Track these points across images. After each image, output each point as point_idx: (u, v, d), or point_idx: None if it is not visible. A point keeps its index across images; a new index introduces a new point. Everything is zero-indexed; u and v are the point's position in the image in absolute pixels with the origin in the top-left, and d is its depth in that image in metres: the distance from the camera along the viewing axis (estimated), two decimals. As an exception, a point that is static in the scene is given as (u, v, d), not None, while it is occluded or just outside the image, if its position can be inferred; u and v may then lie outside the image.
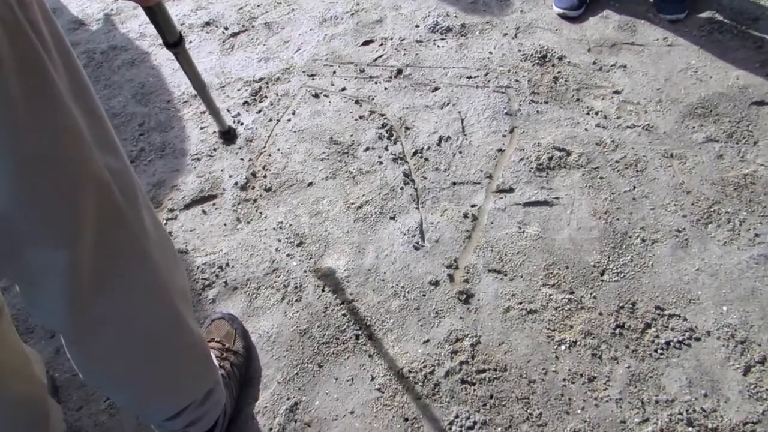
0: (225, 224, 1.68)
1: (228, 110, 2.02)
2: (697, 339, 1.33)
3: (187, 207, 1.74)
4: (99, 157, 0.74)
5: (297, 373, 1.36)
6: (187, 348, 1.03)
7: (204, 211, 1.73)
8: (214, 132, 1.95)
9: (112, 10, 2.59)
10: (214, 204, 1.74)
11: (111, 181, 0.76)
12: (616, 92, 1.90)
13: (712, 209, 1.56)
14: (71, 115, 0.69)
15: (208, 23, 2.44)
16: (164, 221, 1.70)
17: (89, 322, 0.83)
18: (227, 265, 1.58)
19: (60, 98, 0.67)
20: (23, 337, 1.44)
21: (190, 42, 2.36)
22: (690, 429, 1.20)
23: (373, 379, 1.33)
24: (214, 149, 1.90)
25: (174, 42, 1.02)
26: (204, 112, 2.03)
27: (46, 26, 0.66)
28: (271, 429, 1.27)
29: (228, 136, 1.50)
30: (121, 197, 0.78)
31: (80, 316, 0.81)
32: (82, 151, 0.71)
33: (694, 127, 1.77)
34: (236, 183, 1.78)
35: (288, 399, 1.32)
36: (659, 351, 1.32)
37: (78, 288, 0.76)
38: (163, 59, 2.29)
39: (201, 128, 1.98)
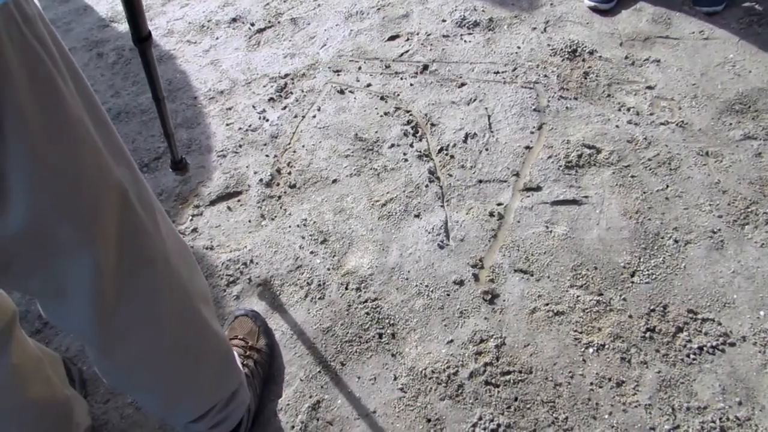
0: (249, 221, 1.69)
1: (254, 106, 2.03)
2: (732, 344, 1.28)
3: (212, 203, 1.75)
4: (115, 168, 0.75)
5: (320, 371, 1.35)
6: (211, 351, 1.03)
7: (229, 208, 1.73)
8: (240, 128, 1.96)
9: (141, 7, 2.62)
10: (239, 200, 1.75)
11: (129, 190, 0.76)
12: (649, 88, 1.85)
13: (749, 209, 1.50)
14: (85, 128, 0.69)
15: (234, 19, 2.45)
16: (190, 217, 1.72)
17: (115, 331, 0.84)
18: (251, 261, 1.58)
19: (72, 112, 0.67)
20: (37, 338, 1.47)
21: (217, 38, 2.37)
22: (723, 438, 1.16)
23: (395, 378, 1.32)
24: (240, 146, 1.90)
25: (145, 37, 0.98)
26: (230, 109, 2.03)
27: (49, 36, 0.66)
28: (293, 427, 1.27)
29: (178, 166, 1.38)
30: (139, 207, 0.79)
31: (106, 325, 0.81)
32: (100, 163, 0.72)
33: (731, 124, 1.70)
34: (261, 179, 1.78)
35: (311, 397, 1.32)
36: (691, 356, 1.28)
37: (104, 297, 0.77)
38: (191, 56, 2.31)
39: (227, 125, 1.98)
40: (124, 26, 2.52)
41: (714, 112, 1.74)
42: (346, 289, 1.49)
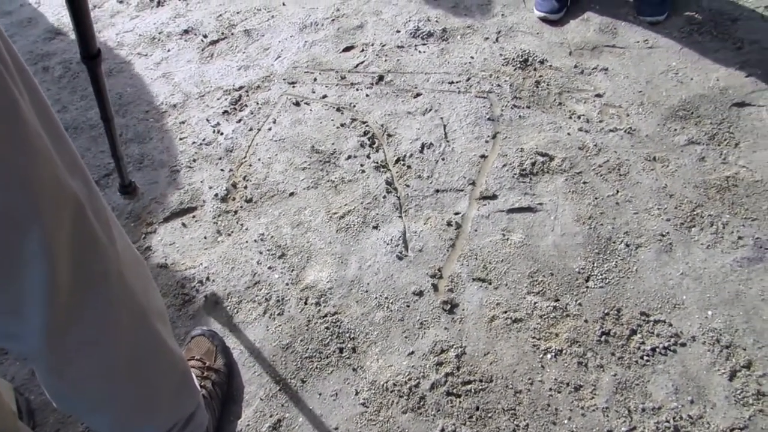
0: (205, 237, 1.65)
1: (208, 120, 1.99)
2: (683, 345, 1.33)
3: (166, 220, 1.71)
4: (70, 180, 0.72)
5: (280, 389, 1.33)
6: (167, 371, 1.00)
7: (184, 224, 1.70)
8: (194, 143, 1.92)
9: (88, 19, 2.55)
10: (194, 216, 1.71)
11: (84, 203, 0.74)
12: (598, 95, 1.90)
13: (695, 212, 1.56)
14: (41, 138, 0.67)
15: (186, 31, 2.41)
16: (143, 235, 1.67)
17: (67, 348, 0.80)
18: (208, 279, 1.55)
19: (28, 121, 0.65)
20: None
21: (169, 51, 2.32)
22: (677, 437, 1.19)
23: (357, 393, 1.31)
24: (194, 160, 1.86)
25: (94, 54, 0.93)
26: (183, 123, 1.99)
27: (4, 46, 0.64)
28: (253, 448, 1.25)
29: (127, 190, 1.36)
30: (94, 220, 0.76)
31: (58, 342, 0.78)
32: (56, 174, 0.70)
33: (675, 130, 1.77)
34: (216, 194, 1.75)
35: (271, 416, 1.29)
36: (645, 358, 1.31)
37: (57, 313, 0.74)
38: (142, 69, 2.25)
39: (180, 139, 1.94)
40: (71, 38, 2.45)
41: (659, 118, 1.80)
42: (306, 303, 1.47)
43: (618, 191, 1.63)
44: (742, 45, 1.98)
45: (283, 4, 2.48)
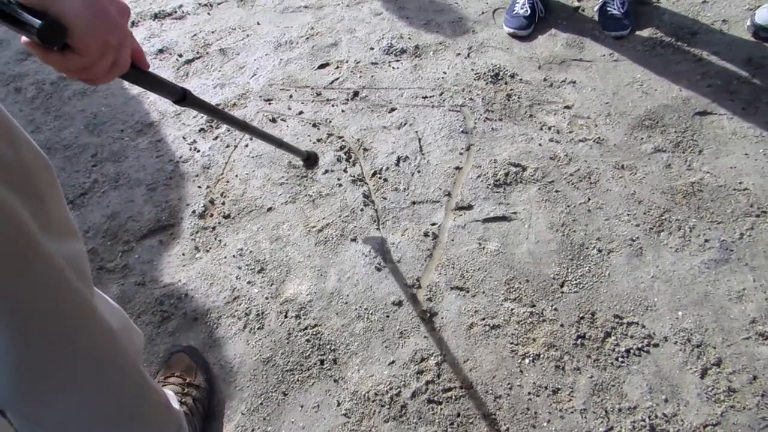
0: (183, 254, 1.65)
1: (184, 138, 2.00)
2: (656, 345, 1.36)
3: (143, 238, 1.70)
4: (48, 244, 0.71)
5: (261, 403, 1.33)
6: (149, 403, 1.00)
7: (161, 242, 1.69)
8: (170, 160, 1.92)
9: (61, 40, 2.54)
10: (171, 234, 1.71)
11: (65, 267, 0.73)
12: (567, 107, 1.96)
13: (663, 217, 1.61)
14: (10, 203, 0.65)
15: (161, 50, 2.42)
16: (120, 254, 1.66)
17: (42, 396, 0.80)
18: (186, 295, 1.55)
19: None
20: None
21: (144, 70, 2.32)
22: (653, 435, 1.22)
23: (339, 404, 1.31)
24: (170, 178, 1.86)
25: (182, 97, 0.95)
26: (160, 141, 2.00)
27: None
28: (236, 463, 1.24)
29: (308, 161, 1.57)
30: (76, 281, 0.76)
31: (31, 390, 0.77)
32: (28, 242, 0.68)
33: (642, 139, 1.83)
34: (194, 211, 1.75)
35: (253, 430, 1.29)
36: (620, 359, 1.34)
37: (33, 370, 0.74)
38: (117, 88, 2.25)
39: (157, 157, 1.94)
40: (43, 60, 2.43)
41: (626, 128, 1.86)
42: (286, 317, 1.48)
43: (589, 199, 1.67)
44: (702, 57, 2.07)
45: (258, 24, 2.51)
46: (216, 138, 1.99)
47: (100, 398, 0.88)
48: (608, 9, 2.22)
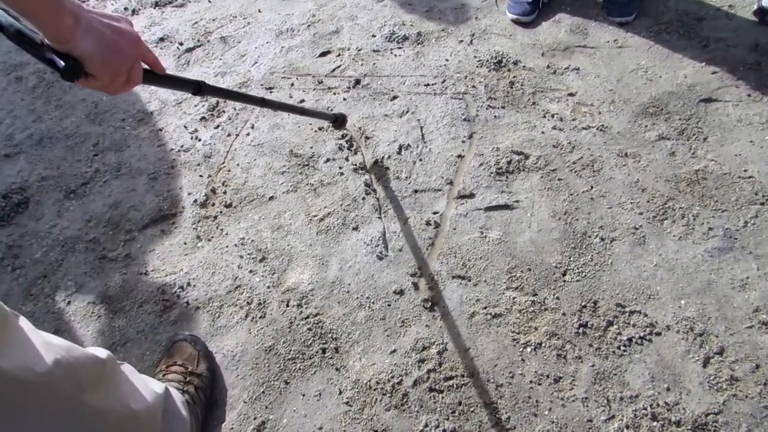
0: (185, 243, 1.65)
1: (185, 126, 1.99)
2: (658, 334, 1.36)
3: (145, 227, 1.70)
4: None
5: (263, 392, 1.34)
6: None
7: (163, 231, 1.69)
8: (172, 149, 1.92)
9: (62, 28, 2.53)
10: (173, 223, 1.71)
11: (58, 384, 0.79)
12: (571, 95, 1.94)
13: (666, 205, 1.60)
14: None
15: (162, 39, 2.40)
16: (122, 243, 1.66)
17: None
18: (188, 284, 1.55)
19: None
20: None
21: (144, 59, 2.31)
22: (654, 423, 1.22)
23: (341, 393, 1.32)
24: (172, 167, 1.86)
25: (197, 90, 1.05)
26: (161, 130, 1.99)
27: None
28: (238, 450, 1.25)
29: (336, 123, 1.68)
30: (71, 390, 0.81)
31: None
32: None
33: (646, 126, 1.81)
34: (195, 200, 1.75)
35: (255, 419, 1.29)
36: (622, 348, 1.34)
37: None
38: (117, 77, 2.24)
39: (158, 146, 1.94)
40: (44, 49, 2.42)
41: (630, 115, 1.85)
42: (287, 306, 1.48)
43: (592, 187, 1.66)
44: (708, 43, 2.04)
45: (259, 11, 2.49)
46: (217, 127, 1.98)
47: None
48: (613, -6, 2.20)
